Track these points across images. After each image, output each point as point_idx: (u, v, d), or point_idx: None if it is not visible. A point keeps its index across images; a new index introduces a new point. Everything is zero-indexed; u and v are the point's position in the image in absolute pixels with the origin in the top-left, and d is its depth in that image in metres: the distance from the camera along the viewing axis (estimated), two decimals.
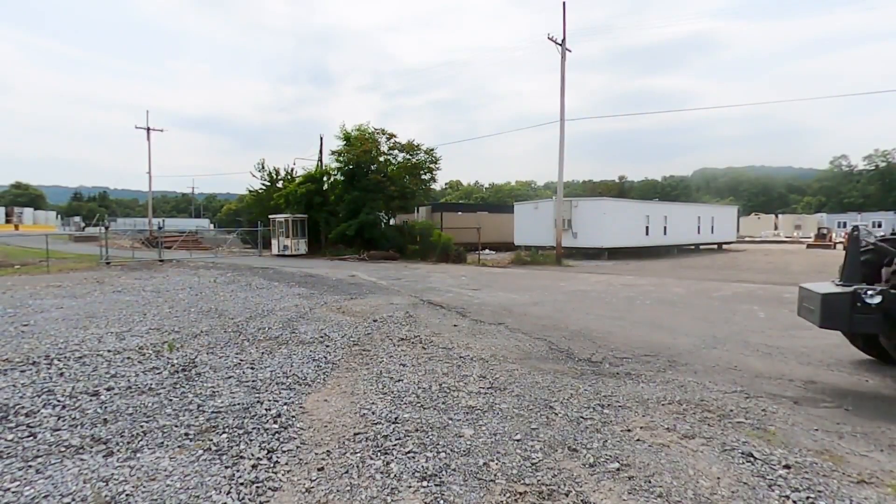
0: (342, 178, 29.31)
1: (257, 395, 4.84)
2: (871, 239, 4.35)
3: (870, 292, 4.18)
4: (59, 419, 4.21)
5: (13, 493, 3.06)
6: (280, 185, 33.23)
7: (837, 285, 4.63)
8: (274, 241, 29.21)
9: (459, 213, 36.64)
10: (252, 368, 5.72)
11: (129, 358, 6.13)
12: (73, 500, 2.99)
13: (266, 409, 4.44)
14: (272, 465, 3.43)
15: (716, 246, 35.22)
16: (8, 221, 66.05)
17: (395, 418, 4.25)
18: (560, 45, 23.47)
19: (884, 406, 4.57)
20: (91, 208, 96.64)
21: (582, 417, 4.30)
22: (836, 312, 4.39)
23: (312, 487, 3.14)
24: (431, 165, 29.61)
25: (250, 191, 36.84)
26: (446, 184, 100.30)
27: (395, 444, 3.74)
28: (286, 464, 3.45)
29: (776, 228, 61.23)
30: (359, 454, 3.60)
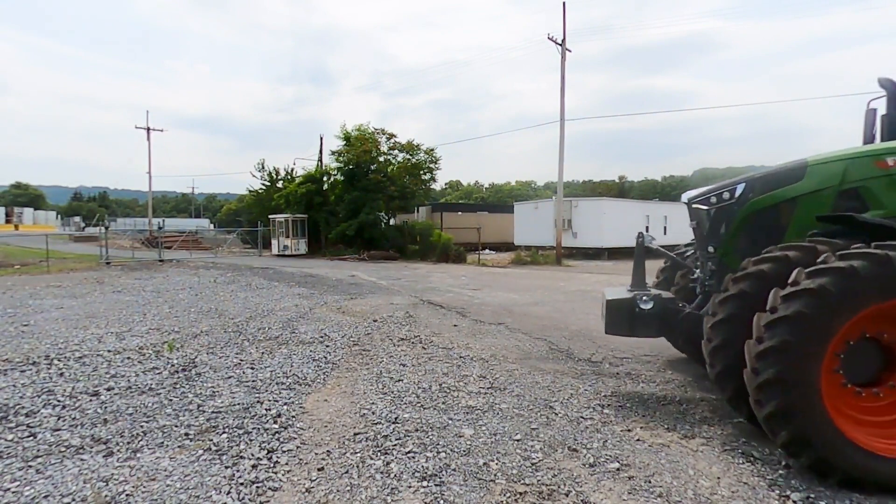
0: (342, 178, 29.33)
1: (257, 395, 4.84)
2: (652, 245, 4.42)
3: (644, 298, 4.26)
4: (59, 419, 4.21)
5: (13, 493, 3.06)
6: (280, 185, 33.26)
7: (629, 291, 4.70)
8: (274, 241, 29.22)
9: (459, 213, 36.68)
10: (252, 368, 5.72)
11: (129, 358, 6.13)
12: (73, 500, 2.99)
13: (266, 409, 4.44)
14: (272, 465, 3.43)
15: None
16: (8, 221, 66.09)
17: (396, 418, 4.25)
18: (560, 45, 23.49)
19: None
20: (91, 208, 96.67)
21: (582, 417, 4.30)
22: (618, 318, 4.47)
23: (312, 487, 3.14)
24: (431, 165, 29.64)
25: (250, 191, 36.87)
26: (446, 184, 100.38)
27: (395, 444, 3.74)
28: (286, 464, 3.45)
29: None
30: (359, 454, 3.60)
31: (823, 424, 3.01)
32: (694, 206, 4.68)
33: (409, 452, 3.61)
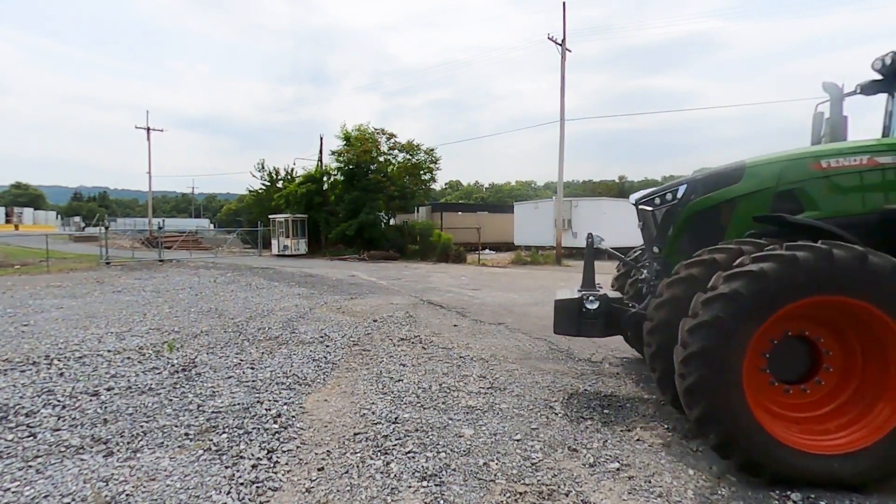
0: (342, 178, 29.33)
1: (257, 395, 4.84)
2: (602, 246, 4.46)
3: (591, 298, 4.30)
4: (59, 419, 4.21)
5: (13, 493, 3.06)
6: (280, 185, 33.27)
7: (578, 292, 4.75)
8: (274, 241, 29.22)
9: (459, 213, 36.66)
10: (252, 368, 5.72)
11: (129, 358, 6.13)
12: (73, 500, 2.99)
13: (266, 409, 4.44)
14: (272, 465, 3.43)
15: None
16: (8, 221, 66.10)
17: (395, 418, 4.25)
18: (560, 45, 23.50)
19: None
20: (91, 208, 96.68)
21: (582, 417, 4.30)
22: (565, 318, 4.51)
23: (312, 487, 3.14)
24: (431, 165, 29.64)
25: (250, 191, 36.87)
26: (446, 184, 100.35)
27: (395, 444, 3.74)
28: (286, 464, 3.45)
29: None
30: (359, 454, 3.60)
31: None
32: (640, 207, 4.73)
33: (409, 452, 3.61)
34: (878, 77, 4.35)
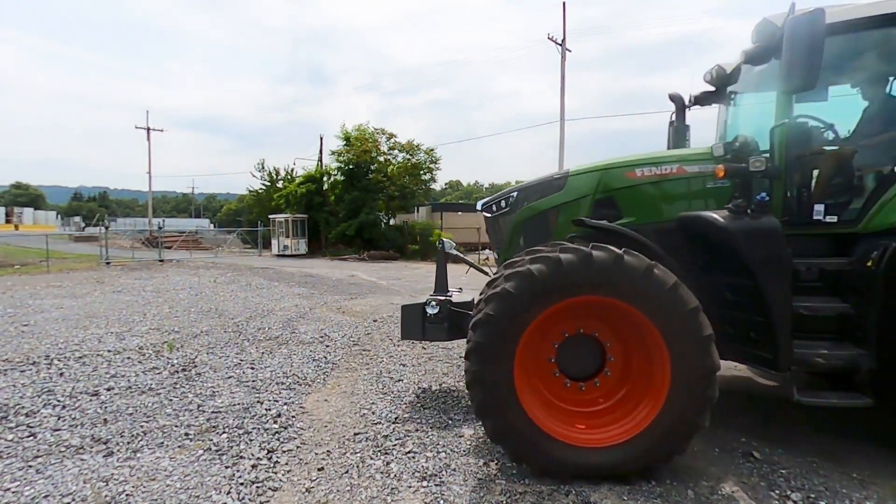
0: (342, 178, 29.33)
1: (257, 395, 4.84)
2: (452, 252, 4.52)
3: (433, 303, 4.35)
4: (59, 419, 4.21)
5: (13, 493, 3.06)
6: (280, 185, 33.27)
7: (430, 297, 4.81)
8: (274, 241, 29.23)
9: (459, 213, 36.62)
10: (252, 368, 5.72)
11: (129, 358, 6.13)
12: (73, 500, 2.99)
13: (266, 409, 4.44)
14: (272, 465, 3.43)
15: None
16: (8, 221, 66.08)
17: (395, 418, 4.25)
18: (560, 44, 23.52)
19: None
20: (91, 208, 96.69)
21: None
22: (409, 322, 4.56)
23: (312, 487, 3.14)
24: (431, 165, 29.64)
25: (250, 191, 36.88)
26: (446, 184, 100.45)
27: (395, 444, 3.74)
28: (286, 464, 3.45)
29: None
30: (359, 454, 3.60)
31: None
32: (483, 214, 4.86)
33: (409, 452, 3.61)
34: (711, 88, 4.50)
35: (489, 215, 4.76)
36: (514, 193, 4.50)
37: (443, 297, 4.44)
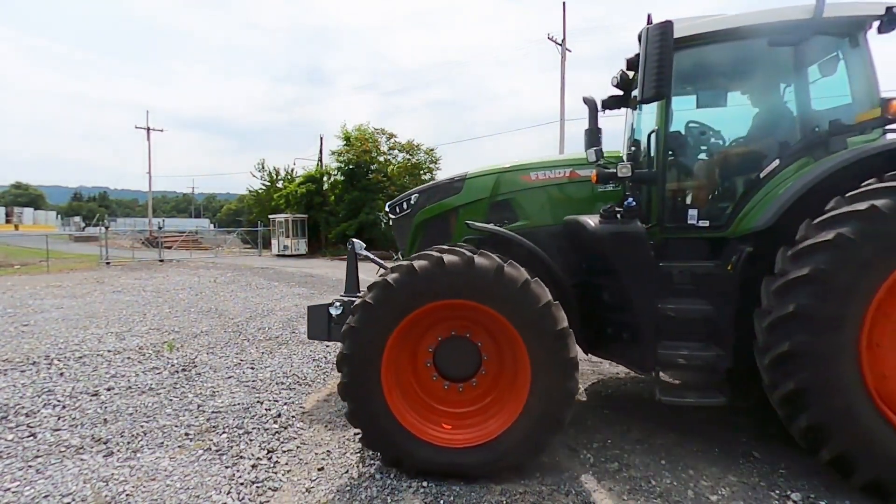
0: (342, 178, 29.34)
1: (257, 395, 4.84)
2: (363, 253, 4.57)
3: (337, 304, 4.38)
4: (59, 419, 4.21)
5: (13, 493, 3.06)
6: (280, 185, 33.25)
7: (336, 298, 4.81)
8: (274, 241, 29.22)
9: None
10: (252, 368, 5.72)
11: (129, 358, 6.13)
12: (73, 500, 2.99)
13: (266, 409, 4.44)
14: (272, 465, 3.43)
15: None
16: (8, 221, 66.08)
17: None
18: (560, 44, 23.52)
19: None
20: (91, 208, 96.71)
21: (582, 417, 4.30)
22: (315, 324, 4.57)
23: (312, 487, 3.14)
24: (431, 165, 29.65)
25: (250, 191, 36.86)
26: None
27: None
28: (286, 464, 3.45)
29: None
30: (359, 454, 3.60)
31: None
32: (389, 215, 4.93)
33: None
34: (619, 93, 4.58)
35: (394, 217, 4.82)
36: (415, 195, 4.58)
37: (347, 299, 4.44)
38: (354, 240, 4.66)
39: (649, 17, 3.46)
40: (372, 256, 4.74)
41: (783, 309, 2.89)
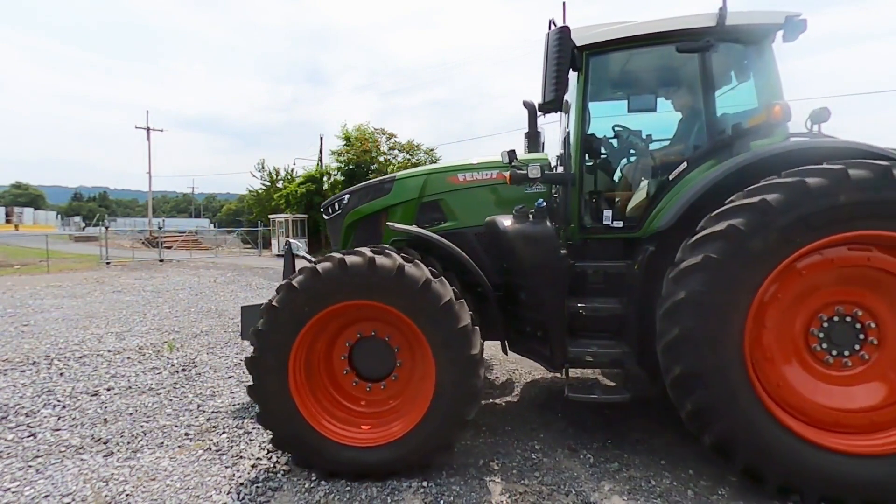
0: (342, 178, 29.31)
1: None
2: (300, 253, 4.61)
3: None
4: (59, 419, 4.21)
5: (13, 493, 3.06)
6: (280, 185, 33.24)
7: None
8: (274, 241, 29.21)
9: None
10: None
11: (129, 358, 6.13)
12: (73, 500, 3.00)
13: None
14: (272, 465, 3.43)
15: None
16: (8, 221, 66.07)
17: None
18: None
19: None
20: (91, 208, 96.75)
21: (582, 417, 4.30)
22: (250, 325, 4.64)
23: (313, 487, 3.14)
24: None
25: (250, 191, 36.86)
26: None
27: None
28: (286, 464, 3.45)
29: None
30: None
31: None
32: (324, 215, 4.96)
33: None
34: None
35: (327, 217, 4.83)
36: (347, 196, 4.60)
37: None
38: (291, 240, 4.68)
39: (551, 21, 3.48)
40: (309, 258, 4.74)
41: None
